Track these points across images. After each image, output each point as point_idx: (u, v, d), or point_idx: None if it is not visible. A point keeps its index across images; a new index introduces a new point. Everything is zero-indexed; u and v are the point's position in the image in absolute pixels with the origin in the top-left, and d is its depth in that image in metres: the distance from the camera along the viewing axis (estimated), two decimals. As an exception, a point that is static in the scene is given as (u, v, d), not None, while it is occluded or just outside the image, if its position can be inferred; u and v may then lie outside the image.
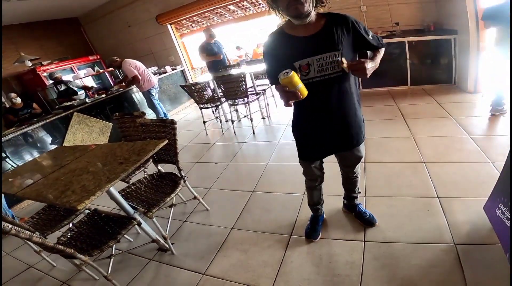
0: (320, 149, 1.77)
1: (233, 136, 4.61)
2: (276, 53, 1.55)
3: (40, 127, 4.29)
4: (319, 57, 1.43)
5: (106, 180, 1.70)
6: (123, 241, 2.54)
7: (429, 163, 2.70)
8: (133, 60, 5.34)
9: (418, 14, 4.93)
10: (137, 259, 2.33)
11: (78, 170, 1.99)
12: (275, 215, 2.48)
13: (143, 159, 1.94)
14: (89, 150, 2.41)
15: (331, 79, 1.46)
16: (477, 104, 3.82)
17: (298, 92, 1.31)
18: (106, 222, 2.08)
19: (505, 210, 1.63)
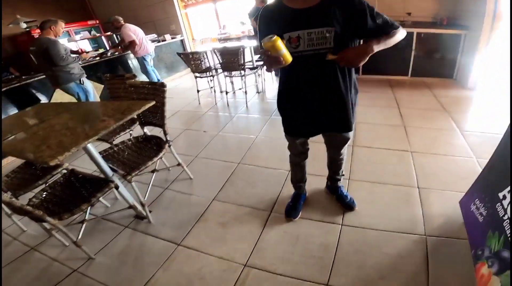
0: (307, 127, 1.73)
1: (226, 107, 4.54)
2: (269, 22, 1.48)
3: (29, 85, 4.16)
4: (310, 31, 1.37)
5: (84, 136, 1.63)
6: (99, 206, 2.51)
7: (415, 153, 2.71)
8: (133, 26, 5.20)
9: (433, 7, 4.78)
10: (112, 225, 2.30)
11: (57, 125, 1.92)
12: (258, 189, 2.48)
13: (127, 118, 1.87)
14: (72, 107, 2.33)
15: (321, 55, 1.40)
16: (474, 100, 3.80)
17: (281, 57, 1.29)
18: (82, 184, 2.01)
19: (480, 206, 1.64)
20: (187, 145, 3.41)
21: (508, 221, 1.35)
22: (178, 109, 4.72)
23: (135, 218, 2.33)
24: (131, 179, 2.01)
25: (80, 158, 3.29)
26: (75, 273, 1.90)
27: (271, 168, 2.71)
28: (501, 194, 1.46)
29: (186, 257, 1.92)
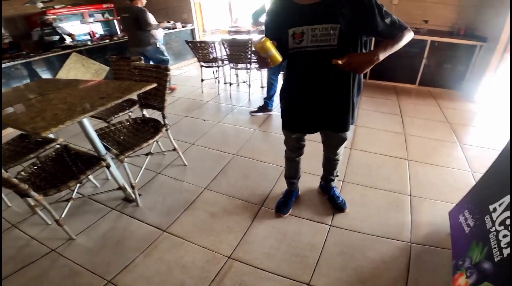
0: (304, 122, 1.72)
1: (228, 98, 4.54)
2: (276, 18, 1.48)
3: (35, 61, 4.23)
4: (314, 27, 1.36)
5: (80, 111, 1.63)
6: (89, 186, 2.51)
7: (412, 162, 2.70)
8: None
9: (452, 16, 4.73)
10: (98, 206, 2.29)
11: (56, 99, 1.91)
12: (251, 182, 2.48)
13: (126, 96, 1.87)
14: (73, 84, 2.33)
15: (324, 51, 1.38)
16: (478, 115, 3.78)
17: (269, 58, 1.34)
18: (74, 161, 1.99)
19: (468, 217, 1.65)
20: (185, 132, 3.40)
21: (494, 233, 1.36)
22: (181, 96, 4.71)
23: (123, 200, 2.32)
24: (124, 159, 2.01)
25: (77, 136, 3.27)
26: (52, 253, 1.88)
27: (267, 162, 2.71)
28: (492, 207, 1.47)
29: (170, 244, 1.92)
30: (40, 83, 2.56)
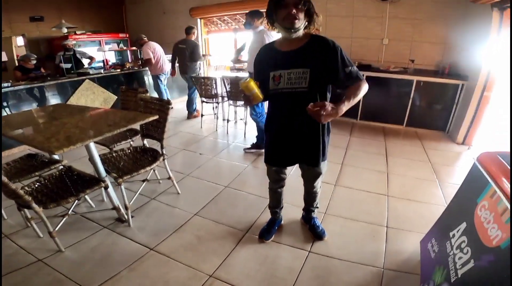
0: (281, 156, 1.93)
1: (225, 134, 4.79)
2: (261, 62, 1.78)
3: (51, 85, 4.59)
4: (289, 71, 1.62)
5: (90, 135, 1.87)
6: (84, 206, 2.67)
7: (392, 198, 2.86)
8: (154, 44, 5.55)
9: (437, 55, 5.03)
10: (91, 224, 2.45)
11: (69, 124, 2.18)
12: (238, 211, 2.64)
13: (130, 125, 2.14)
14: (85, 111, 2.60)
15: (297, 93, 1.63)
16: (460, 155, 3.97)
17: (252, 96, 1.56)
18: (75, 181, 2.17)
19: (434, 244, 1.80)
20: (182, 164, 3.62)
21: (452, 256, 1.51)
22: (181, 130, 4.99)
23: (116, 220, 2.47)
24: (122, 182, 2.20)
25: (79, 160, 3.46)
26: (38, 263, 2.00)
27: (255, 194, 2.88)
28: (451, 233, 1.63)
29: (156, 261, 2.05)
30: (56, 108, 2.87)
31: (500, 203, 1.32)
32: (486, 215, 1.38)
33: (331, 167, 3.38)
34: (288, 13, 1.54)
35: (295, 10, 1.53)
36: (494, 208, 1.35)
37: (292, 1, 1.54)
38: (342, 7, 5.43)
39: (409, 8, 5.01)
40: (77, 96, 4.85)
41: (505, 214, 1.26)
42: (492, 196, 1.40)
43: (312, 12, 1.59)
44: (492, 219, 1.33)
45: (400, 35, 5.18)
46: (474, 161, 1.69)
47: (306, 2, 1.55)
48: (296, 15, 1.53)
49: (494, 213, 1.33)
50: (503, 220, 1.26)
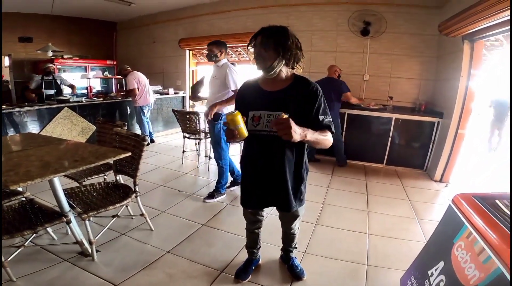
0: (256, 199, 1.86)
1: (206, 172, 4.67)
2: (243, 98, 1.74)
3: (29, 111, 4.46)
4: (270, 113, 1.58)
5: (52, 170, 1.77)
6: (46, 237, 2.51)
7: (372, 235, 2.82)
8: (139, 74, 5.55)
9: (414, 91, 5.22)
10: (50, 256, 2.28)
11: (33, 156, 2.07)
12: (215, 250, 2.51)
13: (99, 163, 2.04)
14: (54, 143, 2.50)
15: (275, 137, 1.53)
16: (438, 192, 4.03)
17: (237, 131, 1.45)
18: (36, 214, 2.05)
19: (414, 282, 1.76)
20: (159, 200, 3.48)
21: None
22: (161, 165, 4.86)
23: (79, 254, 2.31)
24: (86, 218, 2.07)
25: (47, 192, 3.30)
26: None
27: (233, 233, 2.77)
28: (430, 272, 1.61)
29: (118, 299, 1.89)
30: (25, 137, 2.75)
31: (476, 244, 1.33)
32: (463, 255, 1.38)
33: (312, 206, 3.35)
34: (255, 53, 1.56)
35: (261, 50, 1.55)
36: (470, 248, 1.36)
37: (258, 41, 1.57)
38: (327, 41, 5.66)
39: (387, 43, 5.27)
40: (53, 125, 4.70)
41: (482, 255, 1.26)
42: (468, 237, 1.42)
43: (289, 51, 1.56)
44: (469, 259, 1.32)
45: (380, 71, 5.40)
46: (449, 203, 1.71)
47: (278, 41, 1.54)
48: (263, 56, 1.54)
49: (471, 253, 1.33)
50: (480, 260, 1.26)
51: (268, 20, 1.85)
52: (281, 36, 1.56)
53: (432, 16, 4.82)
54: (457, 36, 3.93)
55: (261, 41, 1.55)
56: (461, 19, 3.51)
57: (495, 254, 1.18)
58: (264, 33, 1.57)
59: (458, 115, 4.06)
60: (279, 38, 1.55)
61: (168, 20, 7.53)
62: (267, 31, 1.57)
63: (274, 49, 1.55)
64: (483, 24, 3.25)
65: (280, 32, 1.57)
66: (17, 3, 6.16)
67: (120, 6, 6.74)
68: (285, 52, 1.56)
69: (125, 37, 8.65)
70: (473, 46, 3.85)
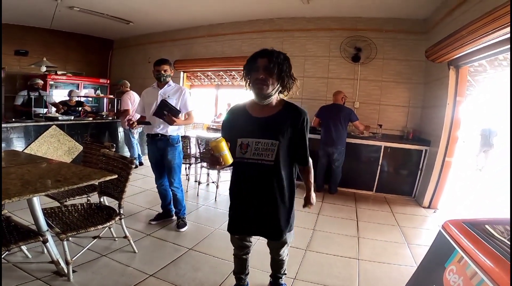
0: (242, 225, 1.81)
1: (196, 196, 4.58)
2: (230, 124, 1.69)
3: (16, 128, 4.34)
4: (258, 141, 1.56)
5: (31, 190, 1.71)
6: (20, 255, 2.39)
7: (362, 261, 2.78)
8: (135, 95, 5.49)
9: (402, 119, 5.31)
10: (22, 274, 2.15)
11: (14, 174, 2.00)
12: (201, 275, 2.41)
13: (82, 184, 1.99)
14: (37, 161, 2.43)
15: (262, 165, 1.55)
16: (427, 218, 4.06)
17: (221, 158, 1.42)
18: (11, 232, 1.95)
19: None
20: (144, 223, 3.36)
21: None
22: (149, 188, 4.75)
23: (54, 273, 2.19)
24: (64, 238, 1.98)
25: (26, 210, 3.19)
26: None
27: (220, 258, 2.67)
28: None
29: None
30: (7, 154, 2.66)
31: (468, 268, 1.32)
32: (455, 279, 1.37)
33: (302, 232, 3.30)
34: (256, 77, 1.52)
35: (264, 75, 1.51)
36: (462, 272, 1.34)
37: (261, 64, 1.51)
38: (319, 67, 5.76)
39: (376, 70, 5.39)
40: (39, 143, 4.56)
41: (474, 278, 1.25)
42: (459, 261, 1.41)
43: (286, 76, 1.56)
44: (461, 283, 1.31)
45: (369, 98, 5.49)
46: (439, 228, 1.70)
47: (278, 64, 1.51)
48: (266, 80, 1.50)
49: (463, 277, 1.32)
50: (473, 283, 1.25)
51: (263, 45, 1.84)
52: (286, 64, 1.56)
53: (419, 41, 5.00)
54: (443, 62, 4.06)
55: (266, 65, 1.51)
56: (447, 45, 3.64)
57: (488, 277, 1.17)
58: (269, 57, 1.53)
59: (445, 143, 4.15)
60: (284, 66, 1.54)
61: (164, 41, 7.59)
62: (272, 55, 1.53)
63: (278, 76, 1.54)
64: (468, 49, 3.37)
65: (285, 59, 1.56)
66: (16, 15, 6.16)
67: (119, 24, 6.83)
68: (286, 81, 1.56)
69: (121, 55, 8.66)
70: (459, 72, 3.98)
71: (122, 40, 8.53)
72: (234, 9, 5.73)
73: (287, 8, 5.41)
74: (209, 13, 6.04)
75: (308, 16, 5.72)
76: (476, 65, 4.37)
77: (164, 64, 3.11)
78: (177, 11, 5.99)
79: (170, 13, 6.12)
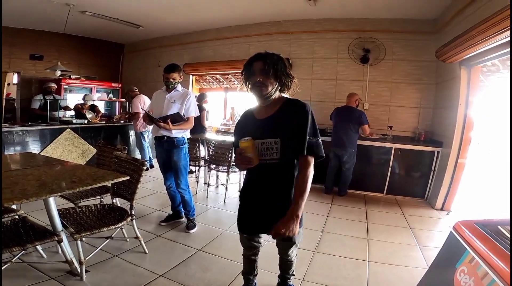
0: (252, 224, 1.83)
1: (205, 198, 4.62)
2: (240, 128, 1.76)
3: (32, 131, 4.51)
4: (262, 141, 1.60)
5: (48, 190, 1.76)
6: (35, 255, 2.46)
7: (372, 263, 2.76)
8: (145, 98, 5.58)
9: (413, 120, 5.24)
10: (37, 274, 2.21)
11: (31, 175, 2.07)
12: (210, 275, 2.44)
13: (96, 185, 2.04)
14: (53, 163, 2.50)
15: (270, 164, 1.58)
16: (439, 220, 3.99)
17: (252, 158, 1.46)
18: (27, 232, 2.01)
19: None
20: (155, 224, 3.41)
21: None
22: (159, 190, 4.80)
23: (67, 273, 2.24)
24: (78, 238, 2.03)
25: (41, 211, 3.27)
26: None
27: (229, 259, 2.70)
28: None
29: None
30: (25, 156, 2.76)
31: (479, 268, 1.32)
32: (466, 280, 1.37)
33: (311, 234, 3.30)
34: (254, 81, 1.57)
35: (261, 77, 1.56)
36: (473, 273, 1.34)
37: (257, 68, 1.58)
38: (327, 69, 5.72)
39: (386, 71, 5.34)
40: (54, 146, 4.73)
41: (485, 279, 1.25)
42: (470, 262, 1.41)
43: (282, 75, 1.61)
44: (472, 283, 1.31)
45: (379, 99, 5.44)
46: (450, 229, 1.70)
47: (273, 65, 1.57)
48: (264, 82, 1.56)
49: (474, 277, 1.32)
50: (484, 284, 1.25)
51: (270, 47, 1.89)
52: (281, 63, 1.60)
53: (429, 42, 4.95)
54: (454, 62, 4.00)
55: (261, 68, 1.57)
56: (457, 45, 3.59)
57: (499, 278, 1.16)
58: (263, 60, 1.59)
59: (457, 144, 4.08)
60: (279, 66, 1.59)
61: (174, 45, 7.68)
62: (265, 58, 1.59)
63: (275, 76, 1.58)
64: (479, 49, 3.31)
65: (279, 59, 1.61)
66: (31, 20, 6.32)
67: (129, 29, 6.96)
68: (283, 80, 1.61)
69: (132, 59, 8.79)
70: (470, 72, 3.91)
71: (133, 44, 8.66)
72: (242, 12, 5.78)
73: (294, 10, 5.42)
74: (217, 17, 6.11)
75: (315, 18, 5.72)
76: (489, 65, 4.29)
77: (173, 72, 3.14)
78: (185, 15, 6.08)
79: (179, 17, 6.21)
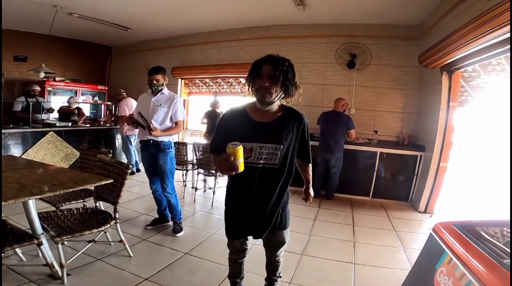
0: (242, 228, 1.81)
1: (192, 202, 4.59)
2: (229, 127, 1.67)
3: (13, 134, 4.39)
4: (262, 145, 1.57)
5: (27, 193, 1.73)
6: (14, 258, 2.39)
7: (358, 265, 2.79)
8: (132, 101, 5.50)
9: (398, 125, 5.34)
10: (17, 277, 2.16)
11: (11, 178, 2.02)
12: (196, 278, 2.43)
13: (78, 188, 2.01)
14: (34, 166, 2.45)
15: (266, 169, 1.57)
16: (423, 223, 4.08)
17: (238, 165, 1.38)
18: (6, 235, 1.96)
19: None
20: (140, 229, 3.36)
21: None
22: (146, 194, 4.73)
23: (48, 276, 2.19)
24: (59, 241, 2.00)
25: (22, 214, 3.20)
26: None
27: (216, 262, 2.68)
28: None
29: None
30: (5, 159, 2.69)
31: (457, 269, 1.34)
32: (445, 281, 1.39)
33: (299, 237, 3.31)
34: (260, 85, 1.52)
35: (268, 83, 1.51)
36: (452, 273, 1.37)
37: (267, 72, 1.52)
38: (315, 74, 5.79)
39: (372, 76, 5.43)
40: (36, 149, 4.60)
41: (463, 279, 1.28)
42: (449, 263, 1.44)
43: (290, 84, 1.57)
44: (451, 284, 1.33)
45: (365, 104, 5.52)
46: (430, 231, 1.73)
47: (283, 72, 1.52)
48: (270, 88, 1.51)
49: (453, 278, 1.34)
50: (461, 285, 1.27)
51: (260, 51, 1.86)
52: (291, 71, 1.57)
53: (413, 47, 5.05)
54: (436, 67, 4.10)
55: (271, 73, 1.52)
56: (438, 50, 3.68)
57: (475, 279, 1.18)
58: (274, 64, 1.53)
59: (439, 148, 4.18)
60: (288, 74, 1.55)
61: (163, 48, 7.60)
62: (277, 63, 1.53)
63: (282, 84, 1.55)
64: (459, 54, 3.39)
65: (290, 67, 1.57)
66: (16, 21, 6.18)
67: (118, 31, 6.86)
68: (289, 89, 1.58)
69: (119, 62, 8.66)
70: (451, 77, 4.01)
71: (121, 47, 8.55)
72: (232, 16, 5.79)
73: (284, 15, 5.47)
74: (207, 20, 6.10)
75: (305, 23, 5.79)
76: (470, 71, 4.41)
77: (156, 74, 3.11)
78: (175, 18, 6.05)
79: (168, 20, 6.17)
